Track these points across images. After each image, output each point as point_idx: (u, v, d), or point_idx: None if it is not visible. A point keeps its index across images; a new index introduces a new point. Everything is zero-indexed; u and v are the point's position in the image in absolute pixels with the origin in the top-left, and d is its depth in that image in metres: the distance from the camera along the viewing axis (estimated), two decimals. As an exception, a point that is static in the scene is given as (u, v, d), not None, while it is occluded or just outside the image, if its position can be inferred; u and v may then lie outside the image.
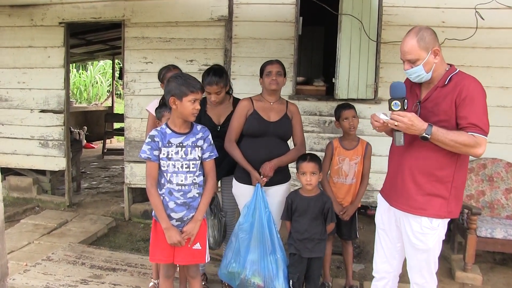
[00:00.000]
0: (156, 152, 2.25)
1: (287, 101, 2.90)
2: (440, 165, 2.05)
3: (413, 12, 3.96)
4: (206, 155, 2.35)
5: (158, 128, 2.31)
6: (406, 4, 3.98)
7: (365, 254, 3.87)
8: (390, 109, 2.01)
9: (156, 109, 2.72)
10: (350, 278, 3.13)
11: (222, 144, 2.73)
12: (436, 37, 2.05)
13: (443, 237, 2.17)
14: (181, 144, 2.27)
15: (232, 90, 3.01)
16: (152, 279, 2.98)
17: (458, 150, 1.98)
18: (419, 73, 2.04)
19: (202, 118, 2.78)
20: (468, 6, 3.71)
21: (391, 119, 1.98)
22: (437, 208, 2.07)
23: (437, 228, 2.10)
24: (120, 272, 3.22)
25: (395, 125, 1.97)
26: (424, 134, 1.94)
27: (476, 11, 3.62)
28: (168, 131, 2.28)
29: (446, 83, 2.03)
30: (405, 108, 1.99)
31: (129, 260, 3.44)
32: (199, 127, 2.37)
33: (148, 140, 2.26)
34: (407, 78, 2.17)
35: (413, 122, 1.93)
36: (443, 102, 2.01)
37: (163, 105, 2.58)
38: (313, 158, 2.64)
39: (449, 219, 2.14)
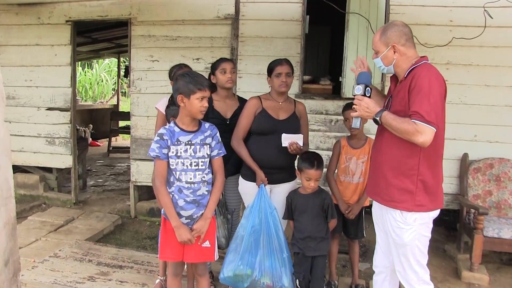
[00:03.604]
0: (165, 150, 2.25)
1: (294, 100, 2.91)
2: (403, 159, 2.11)
3: (421, 10, 3.93)
4: (215, 152, 2.35)
5: (167, 126, 2.32)
6: (414, 2, 3.95)
7: (371, 253, 3.85)
8: (353, 93, 2.21)
9: (167, 108, 2.73)
10: (356, 277, 3.13)
11: (230, 140, 2.75)
12: (403, 35, 2.11)
13: (425, 235, 2.17)
14: (190, 142, 2.28)
15: None
16: (159, 276, 2.99)
17: (404, 137, 2.02)
18: (379, 64, 2.21)
19: (210, 113, 2.78)
20: (477, 4, 3.68)
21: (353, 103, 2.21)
22: (405, 202, 2.11)
23: (412, 224, 2.11)
24: (127, 270, 3.23)
25: (353, 107, 2.18)
26: (374, 117, 2.09)
27: (485, 10, 3.58)
28: (177, 129, 2.29)
29: (405, 76, 2.11)
30: (367, 95, 2.15)
31: (136, 257, 3.45)
32: (207, 125, 2.37)
33: (157, 138, 2.27)
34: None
35: (368, 105, 2.11)
36: (400, 93, 2.11)
37: (173, 104, 2.59)
38: (320, 164, 2.63)
39: (430, 215, 2.15)
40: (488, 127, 3.94)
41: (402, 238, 2.14)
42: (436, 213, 2.19)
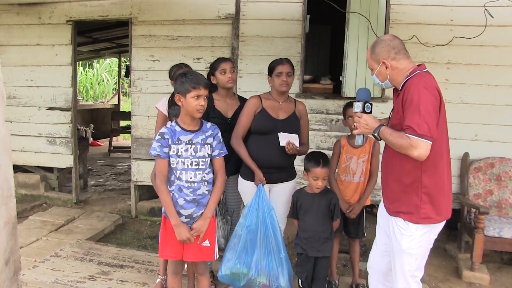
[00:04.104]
0: (166, 149, 2.26)
1: (295, 99, 2.90)
2: (405, 173, 2.10)
3: (421, 10, 3.93)
4: (216, 152, 2.36)
5: (168, 126, 2.33)
6: (414, 2, 3.95)
7: (371, 253, 3.87)
8: (353, 111, 2.21)
9: (169, 109, 2.73)
10: (356, 277, 3.13)
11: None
12: (392, 48, 2.09)
13: (425, 246, 2.15)
14: (190, 142, 2.28)
15: None
16: (159, 276, 2.99)
17: (401, 151, 2.00)
18: (376, 81, 2.21)
19: (211, 113, 2.78)
20: (477, 4, 3.67)
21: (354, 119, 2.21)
22: (411, 214, 2.10)
23: (414, 232, 2.10)
24: (128, 269, 3.23)
25: (354, 125, 2.18)
26: (373, 133, 2.10)
27: (485, 9, 3.58)
28: (178, 128, 2.29)
29: (400, 89, 2.10)
30: (366, 111, 2.15)
31: (136, 257, 3.46)
32: (208, 124, 2.38)
33: (158, 137, 2.28)
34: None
35: (367, 121, 2.10)
36: (396, 107, 2.11)
37: (174, 103, 2.59)
38: (325, 162, 2.63)
39: (432, 226, 2.13)
40: (488, 127, 3.94)
41: (401, 244, 2.13)
42: (441, 226, 2.17)
